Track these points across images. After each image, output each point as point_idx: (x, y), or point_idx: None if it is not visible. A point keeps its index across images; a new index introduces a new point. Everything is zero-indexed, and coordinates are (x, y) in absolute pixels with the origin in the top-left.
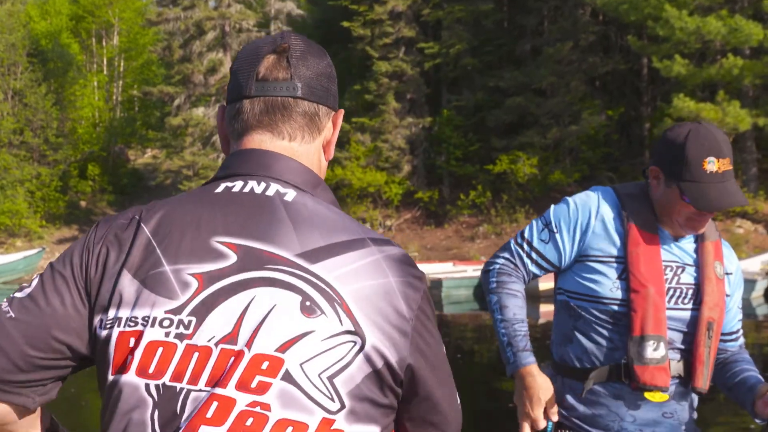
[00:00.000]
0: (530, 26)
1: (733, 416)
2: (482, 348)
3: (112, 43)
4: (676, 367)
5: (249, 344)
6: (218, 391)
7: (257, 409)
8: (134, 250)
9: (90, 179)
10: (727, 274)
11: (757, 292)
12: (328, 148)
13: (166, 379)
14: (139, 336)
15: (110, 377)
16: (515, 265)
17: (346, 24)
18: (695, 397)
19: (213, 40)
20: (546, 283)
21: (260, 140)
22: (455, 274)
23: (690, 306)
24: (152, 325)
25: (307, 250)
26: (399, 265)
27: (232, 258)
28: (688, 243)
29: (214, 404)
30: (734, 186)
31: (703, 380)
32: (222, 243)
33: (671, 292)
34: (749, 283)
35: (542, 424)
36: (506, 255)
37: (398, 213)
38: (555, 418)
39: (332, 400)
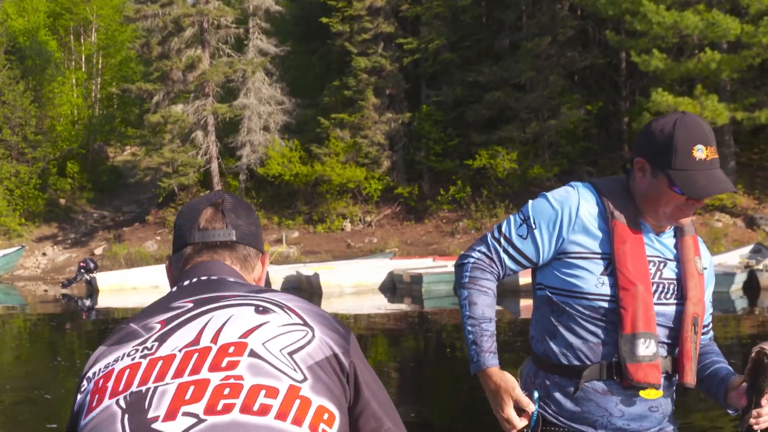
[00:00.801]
0: (509, 21)
1: (708, 406)
2: (464, 343)
3: (90, 40)
4: (663, 363)
5: (214, 340)
6: (192, 378)
7: (231, 380)
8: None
9: (69, 177)
10: (703, 268)
11: (736, 286)
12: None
13: (133, 388)
14: (110, 372)
15: (85, 419)
16: (491, 259)
17: (324, 20)
18: (674, 390)
19: (191, 36)
20: (526, 278)
21: (204, 260)
22: (435, 270)
23: (673, 301)
24: (121, 359)
25: (252, 291)
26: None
27: (189, 305)
28: (668, 238)
29: (191, 387)
30: (722, 173)
31: (692, 375)
32: (181, 302)
33: (655, 287)
34: (728, 277)
35: (519, 423)
36: (482, 249)
37: (378, 208)
38: (531, 407)
39: (295, 371)
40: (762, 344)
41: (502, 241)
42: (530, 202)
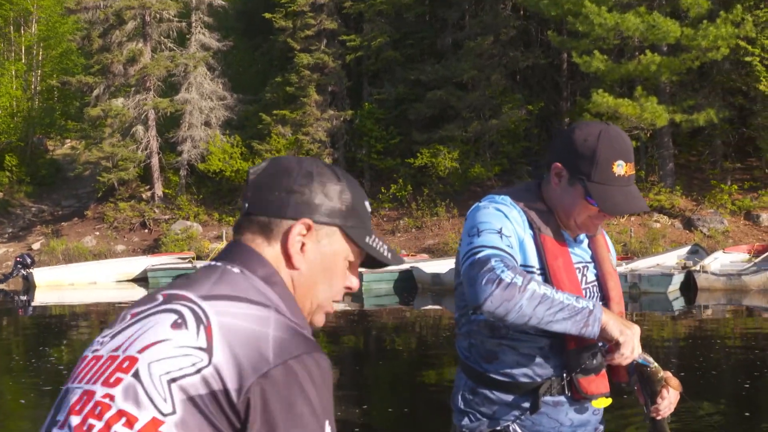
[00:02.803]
0: (452, 20)
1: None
2: (404, 342)
3: (30, 32)
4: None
5: (125, 349)
6: (88, 387)
7: (106, 400)
8: None
9: (7, 170)
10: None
11: (674, 286)
12: (289, 260)
13: (69, 382)
14: (84, 358)
15: None
16: (506, 263)
17: (267, 15)
18: None
19: (133, 29)
20: None
21: (230, 241)
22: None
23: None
24: (92, 346)
25: (210, 294)
26: (291, 337)
27: (159, 300)
28: (584, 240)
29: (84, 398)
30: (637, 190)
31: (627, 374)
32: (161, 293)
33: (584, 293)
34: (666, 278)
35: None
36: (493, 264)
37: None
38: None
39: (165, 401)
40: (643, 354)
41: (500, 252)
42: (481, 217)
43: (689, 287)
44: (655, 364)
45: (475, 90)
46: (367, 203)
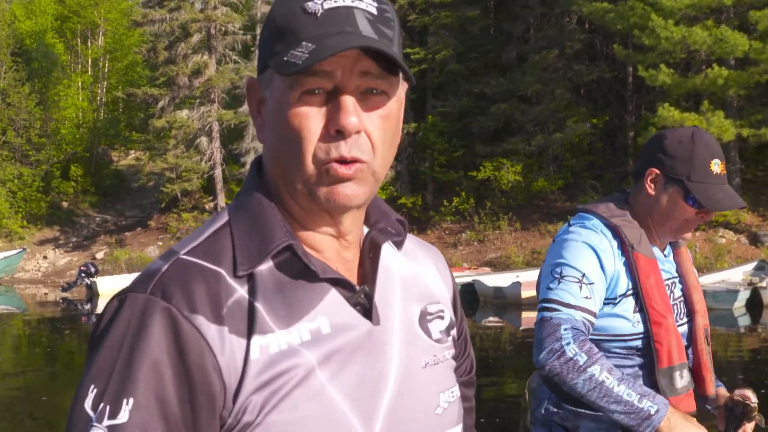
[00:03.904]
0: (516, 33)
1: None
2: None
3: (97, 44)
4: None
5: None
6: None
7: None
8: None
9: (72, 180)
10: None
11: (740, 303)
12: None
13: None
14: None
15: None
16: (579, 330)
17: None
18: None
19: (198, 42)
20: (528, 291)
21: None
22: None
23: (685, 319)
24: None
25: None
26: None
27: None
28: (670, 255)
29: None
30: (731, 188)
31: (712, 387)
32: None
33: (673, 310)
34: (731, 294)
35: None
36: (565, 329)
37: None
38: None
39: None
40: (746, 392)
41: (574, 312)
42: (569, 254)
43: (755, 304)
44: (756, 402)
45: (539, 103)
46: None
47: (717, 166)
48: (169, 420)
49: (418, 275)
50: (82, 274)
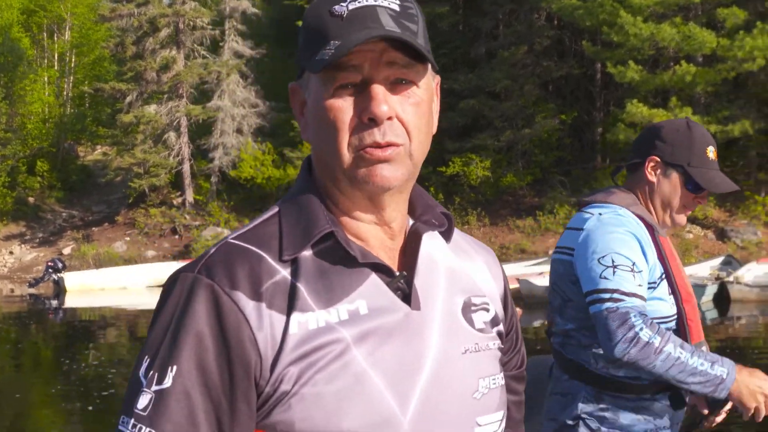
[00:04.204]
0: (485, 29)
1: None
2: None
3: (63, 39)
4: None
5: None
6: None
7: None
8: None
9: (38, 175)
10: None
11: (707, 297)
12: None
13: None
14: None
15: None
16: (644, 314)
17: (300, 23)
18: None
19: (166, 37)
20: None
21: None
22: None
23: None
24: None
25: None
26: None
27: None
28: None
29: None
30: (724, 175)
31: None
32: None
33: None
34: (699, 289)
35: None
36: (633, 317)
37: None
38: None
39: None
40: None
41: (635, 300)
42: (617, 244)
43: (722, 298)
44: None
45: (508, 99)
46: None
47: (712, 153)
48: (208, 386)
49: (465, 269)
50: (49, 270)
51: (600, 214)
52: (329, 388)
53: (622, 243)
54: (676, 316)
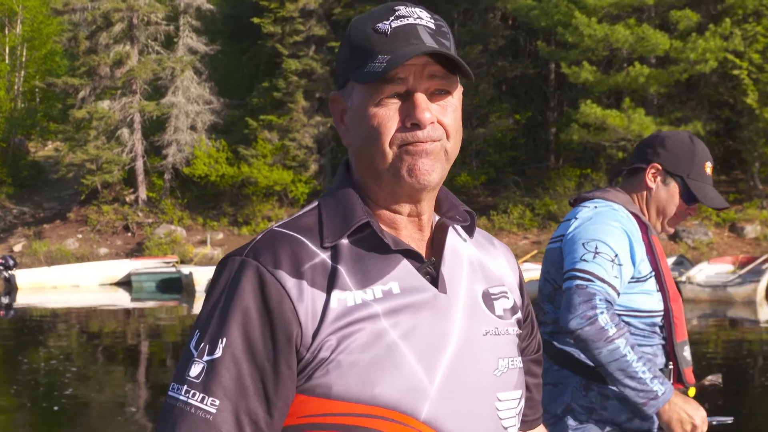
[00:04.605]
0: None
1: None
2: None
3: (14, 32)
4: None
5: None
6: None
7: None
8: None
9: None
10: None
11: None
12: None
13: None
14: None
15: None
16: (610, 302)
17: (256, 20)
18: None
19: (120, 32)
20: None
21: None
22: None
23: None
24: None
25: None
26: None
27: None
28: None
29: None
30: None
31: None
32: None
33: None
34: None
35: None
36: (598, 299)
37: None
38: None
39: None
40: (713, 378)
41: (607, 287)
42: (599, 236)
43: None
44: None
45: (463, 98)
46: None
47: (709, 169)
48: (254, 354)
49: (485, 262)
50: (0, 267)
51: (596, 206)
52: (364, 356)
53: (610, 234)
54: (663, 313)
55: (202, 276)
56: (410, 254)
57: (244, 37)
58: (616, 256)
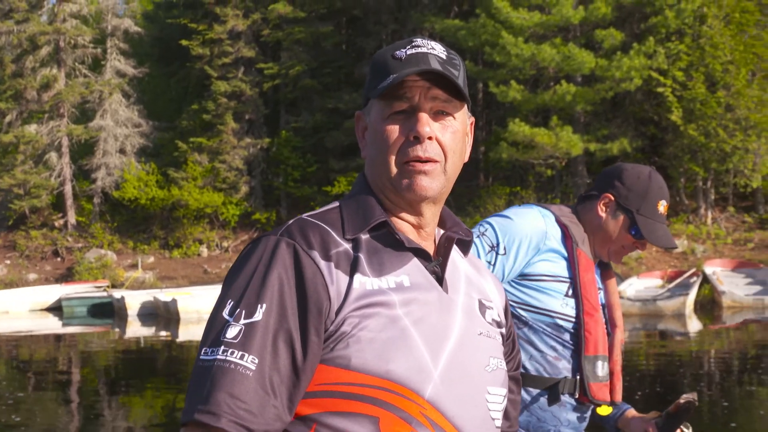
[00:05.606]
0: (369, 49)
1: None
2: None
3: None
4: None
5: None
6: None
7: None
8: None
9: None
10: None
11: None
12: None
13: None
14: None
15: None
16: None
17: (184, 42)
18: None
19: (47, 55)
20: None
21: None
22: None
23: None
24: None
25: None
26: None
27: None
28: (597, 273)
29: None
30: (669, 230)
31: (620, 395)
32: None
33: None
34: None
35: None
36: None
37: (235, 234)
38: None
39: None
40: (689, 396)
41: None
42: (494, 223)
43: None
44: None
45: None
46: None
47: (663, 207)
48: (289, 321)
49: (478, 279)
50: None
51: (529, 205)
52: (380, 335)
53: (507, 225)
54: (571, 320)
55: (133, 300)
56: (420, 253)
57: (172, 60)
58: (498, 245)
